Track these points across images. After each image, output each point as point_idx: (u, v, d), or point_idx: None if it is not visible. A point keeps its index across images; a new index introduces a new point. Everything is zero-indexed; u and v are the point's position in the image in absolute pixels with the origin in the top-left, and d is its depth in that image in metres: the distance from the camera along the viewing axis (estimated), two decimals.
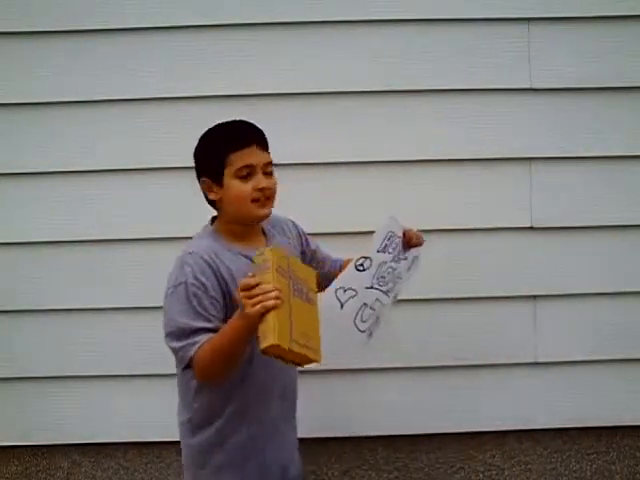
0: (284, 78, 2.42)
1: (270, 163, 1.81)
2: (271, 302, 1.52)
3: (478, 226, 2.46)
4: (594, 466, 2.56)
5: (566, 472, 2.56)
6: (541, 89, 2.45)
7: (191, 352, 1.68)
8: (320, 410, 2.45)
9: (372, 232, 1.91)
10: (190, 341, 1.69)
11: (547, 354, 2.48)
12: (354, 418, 2.48)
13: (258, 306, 1.52)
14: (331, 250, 2.11)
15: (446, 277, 2.44)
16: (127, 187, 2.45)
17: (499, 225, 2.46)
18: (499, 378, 2.49)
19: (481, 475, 2.55)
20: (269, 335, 1.51)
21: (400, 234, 1.96)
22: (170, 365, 1.77)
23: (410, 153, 2.45)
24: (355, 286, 1.84)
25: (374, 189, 2.44)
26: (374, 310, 1.90)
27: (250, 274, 1.58)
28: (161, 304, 1.78)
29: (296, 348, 1.55)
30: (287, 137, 2.32)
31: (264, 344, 1.52)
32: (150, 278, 2.37)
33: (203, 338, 1.68)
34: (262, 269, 1.58)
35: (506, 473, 2.56)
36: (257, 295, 1.54)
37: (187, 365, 1.71)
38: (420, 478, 2.49)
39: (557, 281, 2.47)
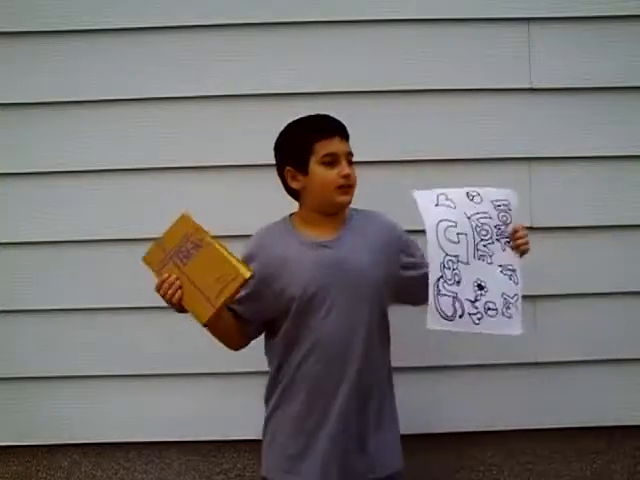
0: (286, 77, 2.42)
1: (351, 154, 1.93)
2: (175, 296, 1.76)
3: None
4: (594, 466, 2.55)
5: (566, 472, 2.56)
6: (541, 89, 2.45)
7: None
8: None
9: None
10: None
11: (547, 354, 2.48)
12: None
13: (173, 302, 1.77)
14: None
15: None
16: (127, 187, 2.44)
17: None
18: (499, 378, 2.48)
19: (481, 475, 2.55)
20: (197, 318, 1.76)
21: (512, 213, 1.96)
22: (170, 365, 1.76)
23: (409, 153, 2.45)
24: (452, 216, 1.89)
25: (374, 189, 2.44)
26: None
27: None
28: (160, 304, 1.78)
29: (219, 300, 1.72)
30: None
31: (201, 324, 1.77)
32: (150, 278, 2.38)
33: None
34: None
35: (506, 473, 2.56)
36: (165, 295, 1.77)
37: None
38: (420, 478, 2.48)
39: (557, 281, 2.47)
